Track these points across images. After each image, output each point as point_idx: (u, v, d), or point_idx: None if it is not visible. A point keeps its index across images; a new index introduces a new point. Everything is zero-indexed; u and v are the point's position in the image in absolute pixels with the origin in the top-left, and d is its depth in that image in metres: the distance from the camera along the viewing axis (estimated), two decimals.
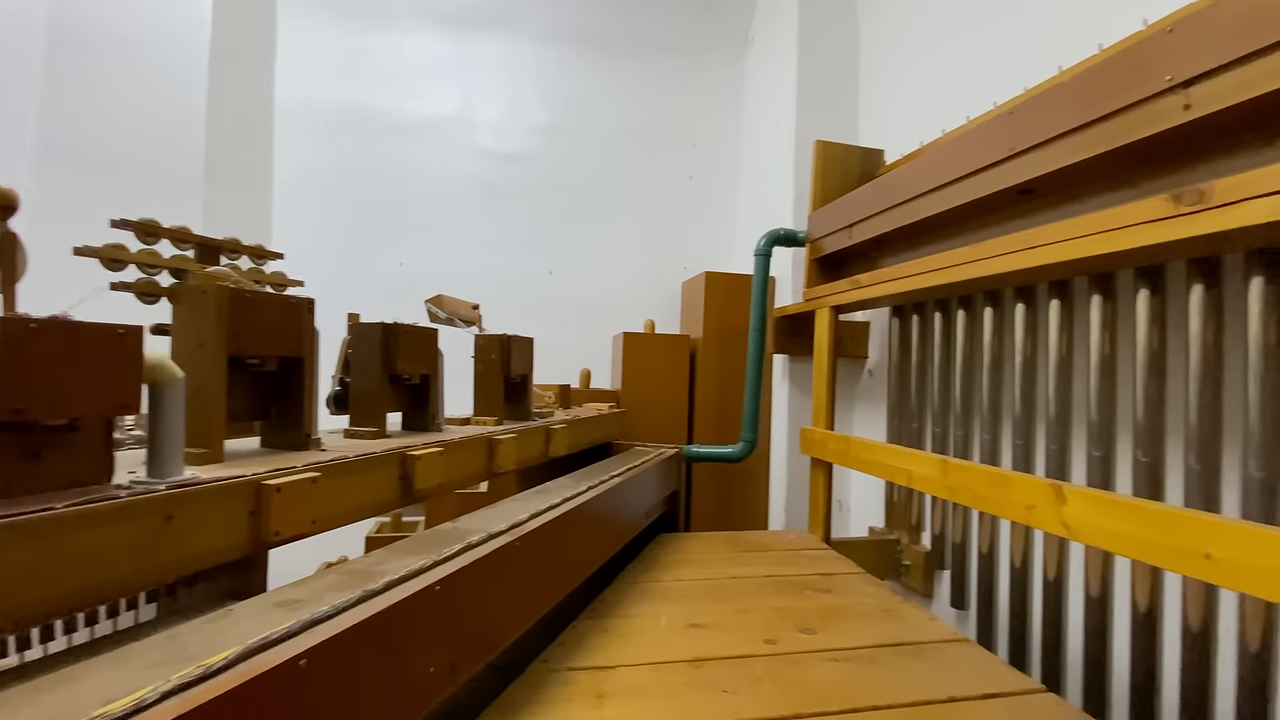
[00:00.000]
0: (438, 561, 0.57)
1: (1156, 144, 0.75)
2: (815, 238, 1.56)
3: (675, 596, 1.02)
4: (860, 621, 0.94)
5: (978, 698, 0.74)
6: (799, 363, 1.89)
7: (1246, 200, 0.62)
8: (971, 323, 1.25)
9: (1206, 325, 0.80)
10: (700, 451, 1.69)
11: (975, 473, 0.94)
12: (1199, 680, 0.81)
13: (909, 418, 1.43)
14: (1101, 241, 0.77)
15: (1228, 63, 0.63)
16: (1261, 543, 0.56)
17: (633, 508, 1.14)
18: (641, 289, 2.40)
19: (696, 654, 0.82)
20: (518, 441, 0.92)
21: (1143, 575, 0.89)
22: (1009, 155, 0.93)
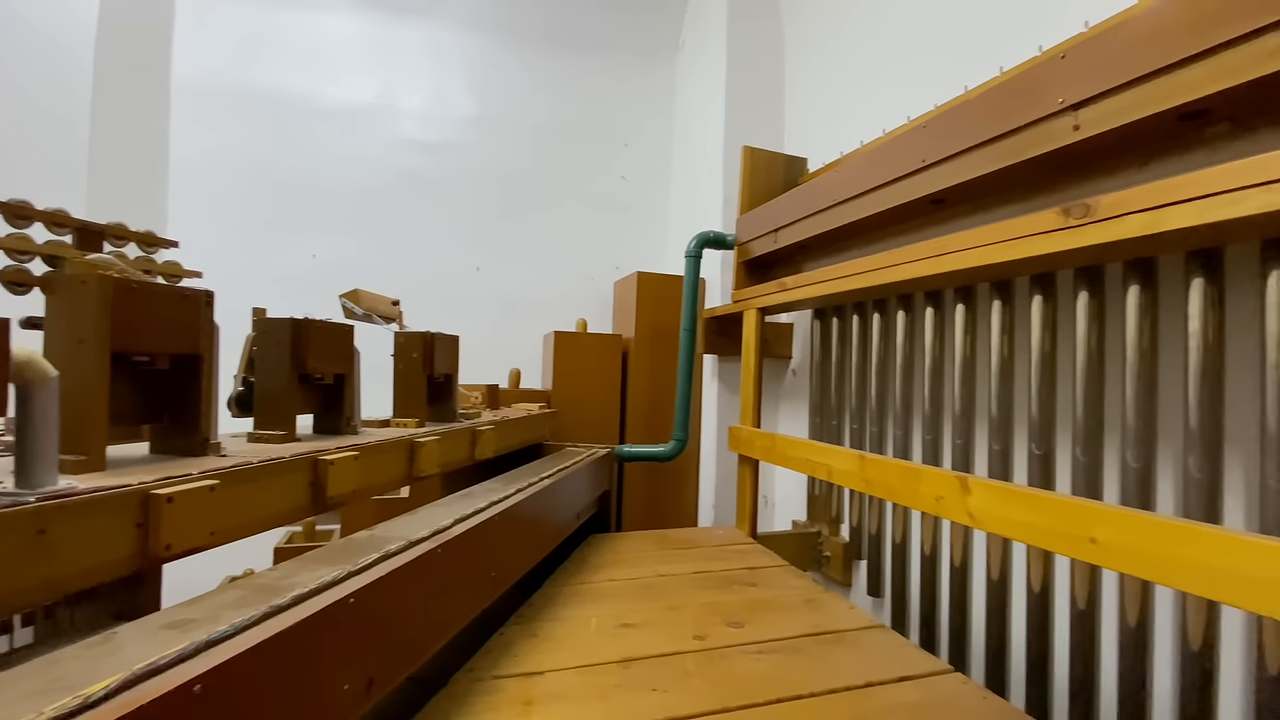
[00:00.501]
0: (352, 572, 0.54)
1: (1050, 161, 0.81)
2: (743, 241, 1.60)
3: (606, 597, 1.02)
4: (784, 613, 0.97)
5: (892, 681, 0.77)
6: (728, 363, 1.93)
7: (1125, 215, 0.68)
8: (886, 325, 1.31)
9: (1091, 329, 0.88)
10: (632, 451, 1.69)
11: (889, 467, 0.99)
12: (1086, 654, 0.89)
13: (829, 415, 1.49)
14: (1001, 250, 0.83)
15: (1112, 88, 0.69)
16: (1138, 526, 0.62)
17: (563, 509, 1.13)
18: (573, 288, 2.38)
19: (627, 654, 0.81)
20: (441, 444, 0.89)
21: (1037, 559, 0.97)
22: (921, 167, 0.98)
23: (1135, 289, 0.82)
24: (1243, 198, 0.57)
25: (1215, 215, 0.60)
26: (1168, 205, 0.64)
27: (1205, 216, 0.60)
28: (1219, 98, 0.62)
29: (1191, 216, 0.62)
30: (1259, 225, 0.62)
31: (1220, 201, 0.59)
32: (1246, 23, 0.57)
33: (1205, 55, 0.61)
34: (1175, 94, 0.64)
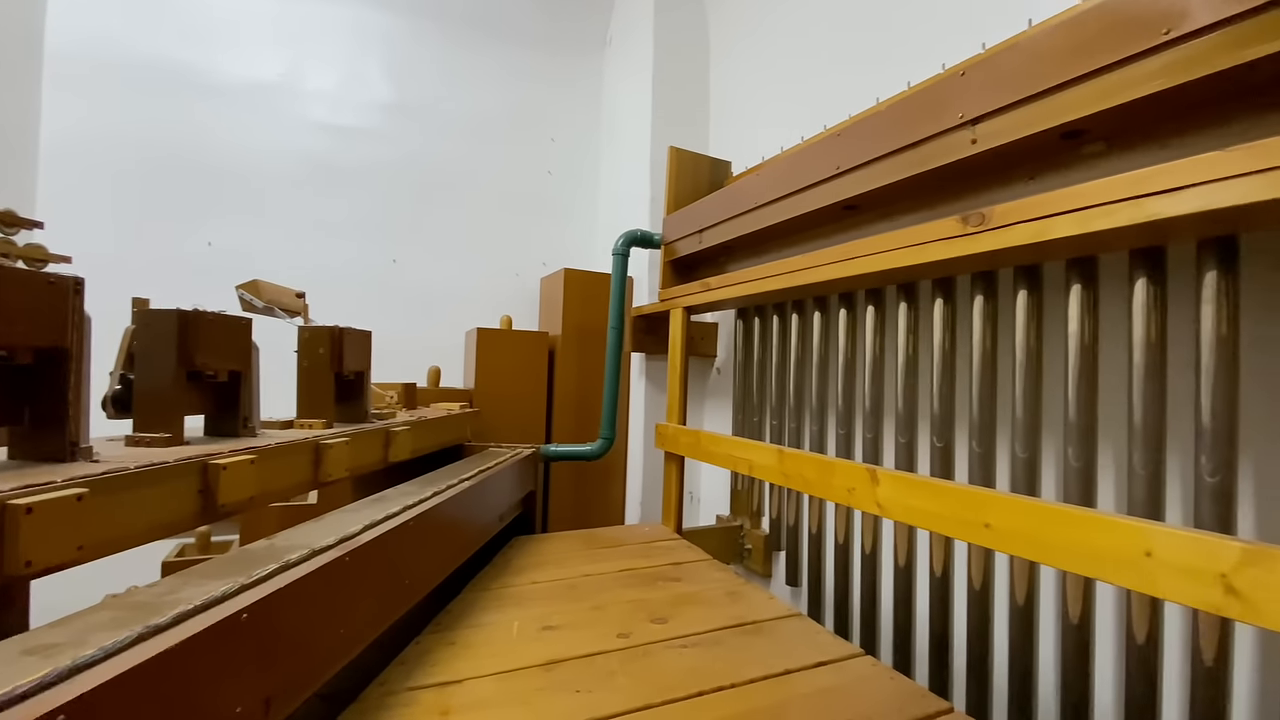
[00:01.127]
0: (245, 585, 0.50)
1: (952, 171, 0.87)
2: (670, 240, 1.61)
3: (529, 600, 1.00)
4: (707, 607, 0.99)
5: (809, 667, 0.80)
6: (655, 361, 1.94)
7: (1015, 224, 0.74)
8: (803, 325, 1.36)
9: (985, 331, 0.95)
10: (558, 450, 1.67)
11: (806, 460, 1.03)
12: (981, 633, 0.96)
13: (751, 412, 1.53)
14: (906, 255, 0.88)
15: (1004, 106, 0.75)
16: (1025, 511, 0.67)
17: (485, 512, 1.09)
18: (498, 283, 2.33)
19: (550, 657, 0.80)
20: (351, 446, 0.84)
21: (938, 544, 1.03)
22: (835, 174, 1.02)
23: (1024, 293, 0.88)
24: (1114, 210, 0.63)
25: (1092, 226, 0.66)
26: (1051, 216, 0.70)
27: (1083, 227, 0.66)
28: (1095, 119, 0.68)
29: (1071, 227, 0.67)
30: (1129, 236, 0.69)
31: (1096, 214, 0.65)
32: (1118, 51, 0.63)
33: (1083, 79, 0.67)
34: (1057, 114, 0.70)
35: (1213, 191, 0.56)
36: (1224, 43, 0.56)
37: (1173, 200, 0.59)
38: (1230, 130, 0.62)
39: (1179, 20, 0.58)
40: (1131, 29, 0.62)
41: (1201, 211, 0.57)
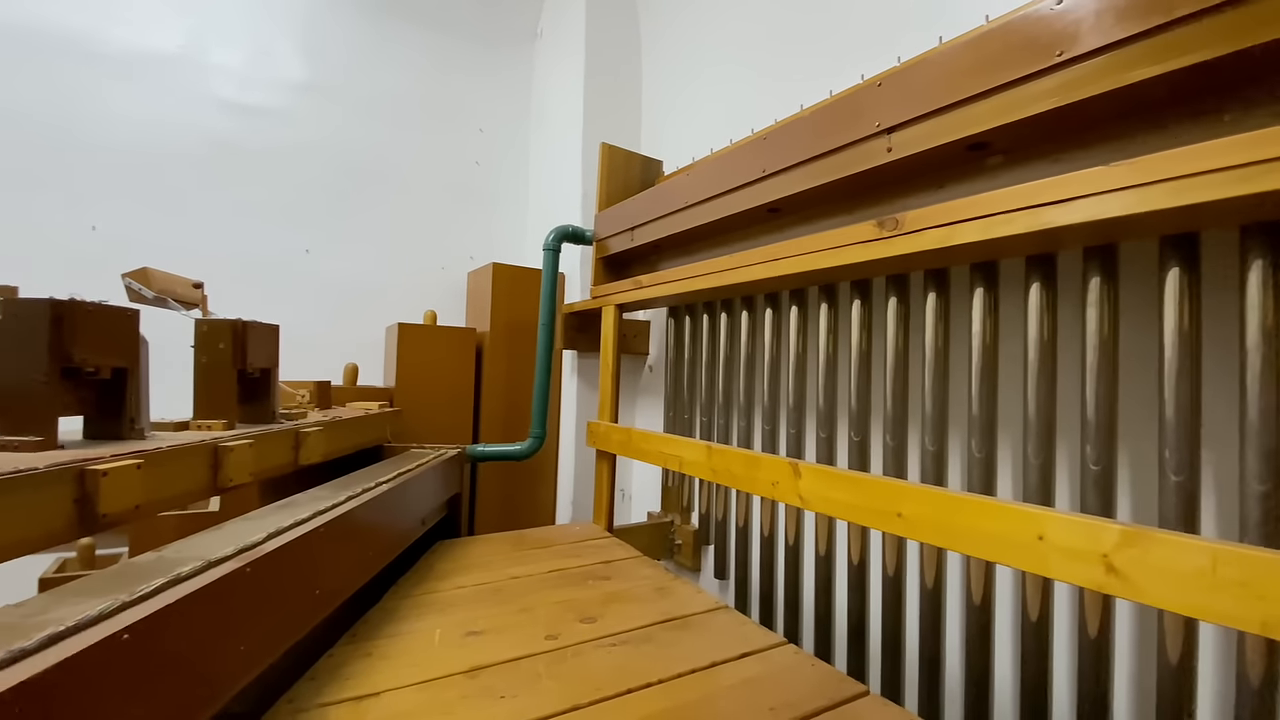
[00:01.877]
0: (128, 603, 0.45)
1: (869, 178, 0.91)
2: (601, 237, 1.61)
3: (452, 605, 0.96)
4: (637, 604, 0.99)
5: (735, 658, 0.82)
6: (587, 358, 1.93)
7: (926, 230, 0.78)
8: (732, 324, 1.39)
9: (899, 331, 1.00)
10: (486, 450, 1.63)
11: (733, 456, 1.05)
12: (894, 617, 1.01)
13: (682, 409, 1.55)
14: (826, 257, 0.91)
15: (916, 117, 0.79)
16: (933, 501, 0.71)
17: (405, 516, 1.05)
18: (422, 277, 2.23)
19: (474, 663, 0.77)
20: (255, 448, 0.78)
21: (855, 534, 1.08)
22: (761, 176, 1.05)
23: (933, 296, 0.94)
24: (1013, 219, 0.68)
25: (993, 233, 0.70)
26: (958, 223, 0.74)
27: (985, 233, 0.71)
28: (996, 132, 0.73)
29: (975, 233, 0.72)
30: (1025, 243, 0.74)
31: (996, 221, 0.70)
32: (1017, 70, 0.68)
33: (986, 95, 0.71)
34: (963, 126, 0.74)
35: (1098, 203, 0.61)
36: (1110, 65, 0.61)
37: (1064, 210, 0.64)
38: (1117, 147, 0.68)
39: (1070, 43, 0.63)
40: (1028, 50, 0.67)
41: (1088, 221, 0.62)
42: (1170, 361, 0.68)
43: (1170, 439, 0.67)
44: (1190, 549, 0.51)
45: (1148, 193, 0.57)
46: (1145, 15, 0.58)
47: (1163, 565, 0.52)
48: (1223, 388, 0.71)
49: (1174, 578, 0.52)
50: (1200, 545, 0.50)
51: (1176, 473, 0.67)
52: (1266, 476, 0.61)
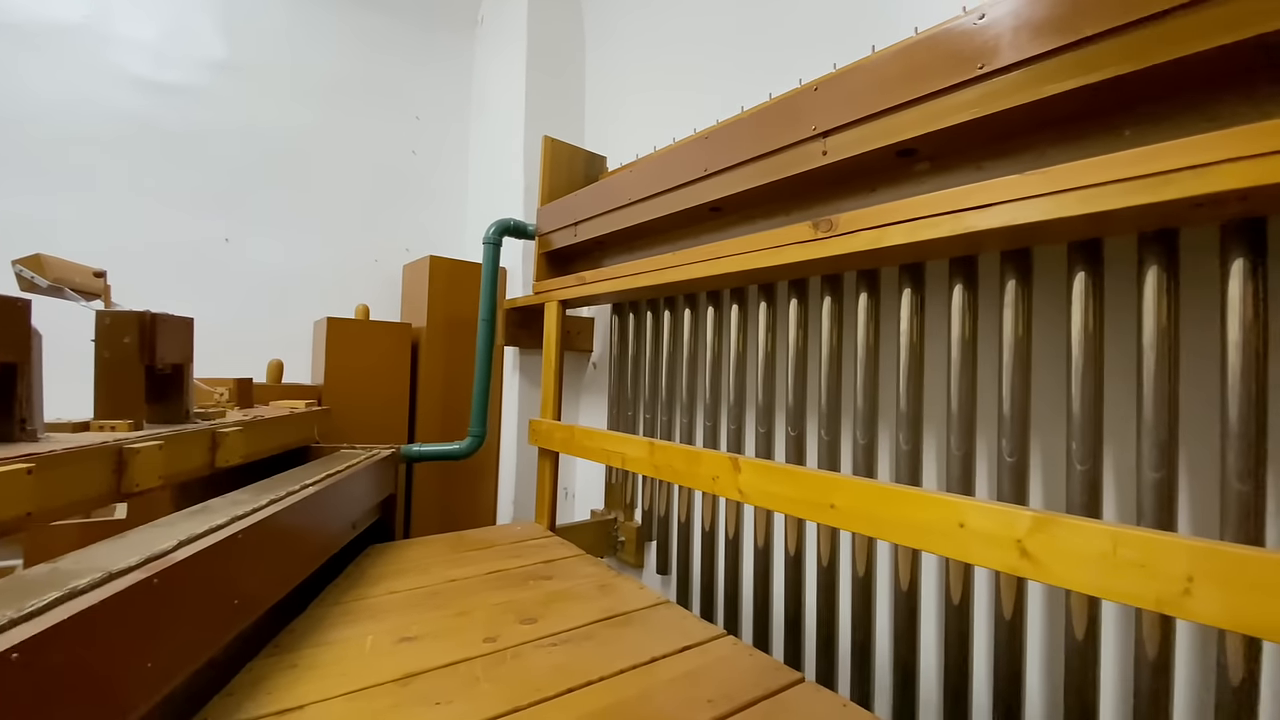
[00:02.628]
0: (15, 620, 0.41)
1: (806, 180, 0.93)
2: (544, 232, 1.58)
3: (385, 611, 0.93)
4: (578, 602, 0.98)
5: (675, 652, 0.82)
6: (529, 355, 1.90)
7: (858, 231, 0.80)
8: (675, 321, 1.40)
9: (832, 330, 1.03)
10: (422, 450, 1.58)
11: (675, 452, 1.06)
12: (829, 606, 1.04)
13: (626, 406, 1.55)
14: (765, 256, 0.93)
15: (849, 122, 0.81)
16: (864, 492, 0.73)
17: (334, 519, 1.00)
18: (353, 269, 2.13)
19: (407, 670, 0.75)
20: (166, 450, 0.73)
21: (792, 526, 1.11)
22: (703, 175, 1.06)
23: (864, 296, 0.97)
24: (938, 222, 0.71)
25: (919, 235, 0.73)
26: (887, 225, 0.77)
27: (912, 236, 0.74)
28: (923, 140, 0.76)
29: (903, 235, 0.75)
30: (949, 246, 0.78)
31: (923, 225, 0.73)
32: (942, 80, 0.71)
33: (914, 104, 0.74)
34: (893, 133, 0.77)
35: (1014, 209, 0.65)
36: (1026, 80, 0.65)
37: (984, 215, 0.67)
38: (1034, 157, 0.73)
39: (990, 57, 0.67)
40: (953, 62, 0.70)
41: (1006, 226, 0.66)
42: (1076, 360, 0.73)
43: (1076, 431, 0.72)
44: (1093, 533, 0.55)
45: (1058, 200, 0.61)
46: (1056, 34, 0.62)
47: (1069, 548, 0.56)
48: (1122, 385, 0.77)
49: (1079, 560, 0.55)
50: (1102, 529, 0.54)
51: (1082, 462, 0.72)
52: (1160, 465, 0.66)
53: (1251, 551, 0.47)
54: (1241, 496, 0.61)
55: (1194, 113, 0.60)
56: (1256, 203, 0.55)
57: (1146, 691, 0.68)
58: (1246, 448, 0.61)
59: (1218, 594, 0.47)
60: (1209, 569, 0.48)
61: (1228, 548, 0.48)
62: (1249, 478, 0.61)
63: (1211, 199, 0.53)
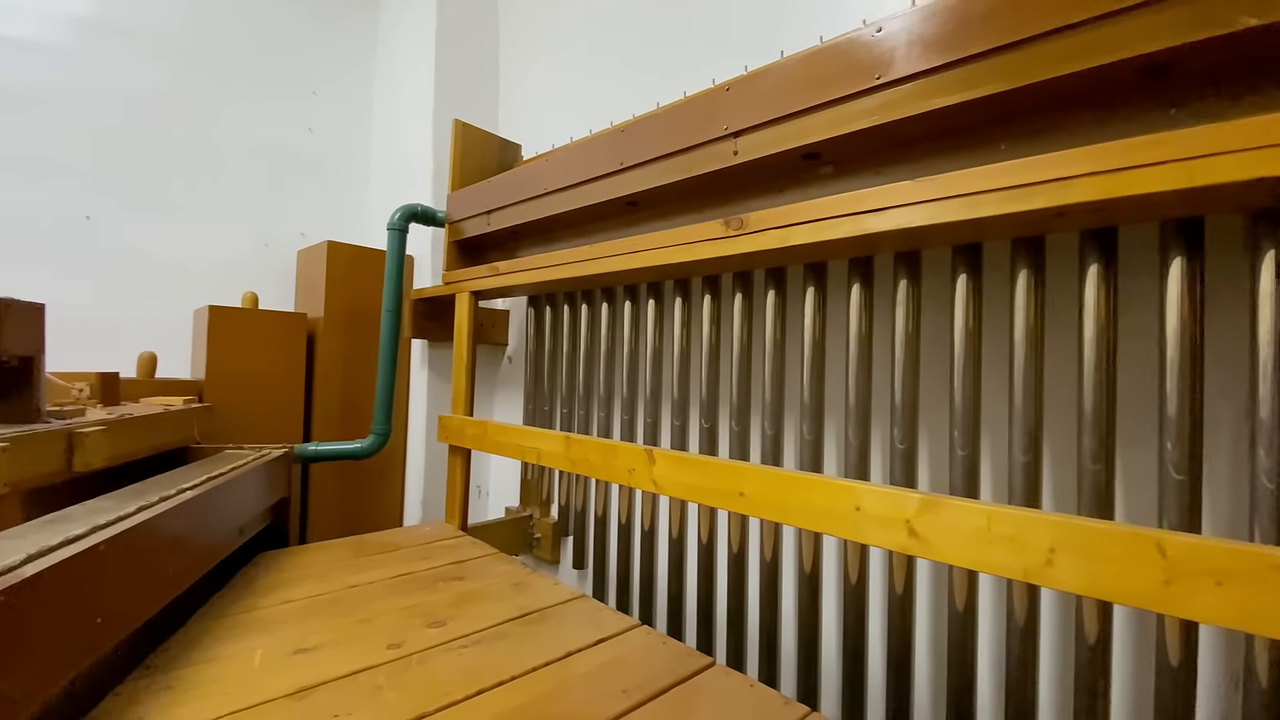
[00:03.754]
0: None
1: (719, 178, 0.95)
2: (455, 219, 1.53)
3: (278, 622, 0.86)
4: (491, 602, 0.96)
5: (589, 646, 0.82)
6: (439, 349, 1.83)
7: (766, 230, 0.83)
8: (593, 315, 1.40)
9: (743, 326, 1.07)
10: (319, 450, 1.48)
11: (590, 445, 1.05)
12: (738, 591, 1.08)
13: (542, 401, 1.53)
14: (679, 252, 0.95)
15: (758, 124, 0.84)
16: (771, 480, 0.76)
17: (216, 526, 0.92)
18: (240, 254, 1.95)
19: (302, 684, 0.70)
20: (10, 454, 0.64)
21: (704, 515, 1.14)
22: (619, 169, 1.06)
23: (772, 294, 1.01)
24: (838, 224, 0.75)
25: (822, 236, 0.77)
26: (793, 225, 0.80)
27: (815, 236, 0.78)
28: (826, 144, 0.80)
29: (807, 235, 0.78)
30: (848, 246, 0.82)
31: (824, 226, 0.77)
32: (844, 88, 0.75)
33: (818, 109, 0.78)
34: (799, 136, 0.81)
35: (906, 213, 0.69)
36: (918, 92, 0.70)
37: (879, 218, 0.72)
38: (926, 164, 0.78)
39: (887, 68, 0.71)
40: (854, 70, 0.74)
41: (898, 229, 0.70)
42: (959, 355, 0.79)
43: (958, 420, 0.79)
44: (971, 512, 0.60)
45: (943, 206, 0.66)
46: (944, 51, 0.66)
47: (951, 527, 0.61)
48: (998, 378, 0.84)
49: (959, 537, 0.60)
50: (979, 508, 0.60)
51: (962, 448, 0.79)
52: (1028, 449, 0.74)
53: (1104, 525, 0.53)
54: (1095, 476, 0.69)
55: (1060, 130, 0.67)
56: (1110, 214, 0.62)
57: (1016, 655, 0.75)
58: (1099, 433, 0.69)
59: (1076, 564, 0.53)
60: (1068, 541, 0.54)
61: (1084, 522, 0.54)
62: (1101, 459, 0.69)
63: (1072, 209, 0.59)
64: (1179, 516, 0.64)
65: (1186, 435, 0.63)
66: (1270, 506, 0.58)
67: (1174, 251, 0.65)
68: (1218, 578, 0.46)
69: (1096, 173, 0.56)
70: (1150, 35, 0.54)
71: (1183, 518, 0.63)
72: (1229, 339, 0.69)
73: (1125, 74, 0.59)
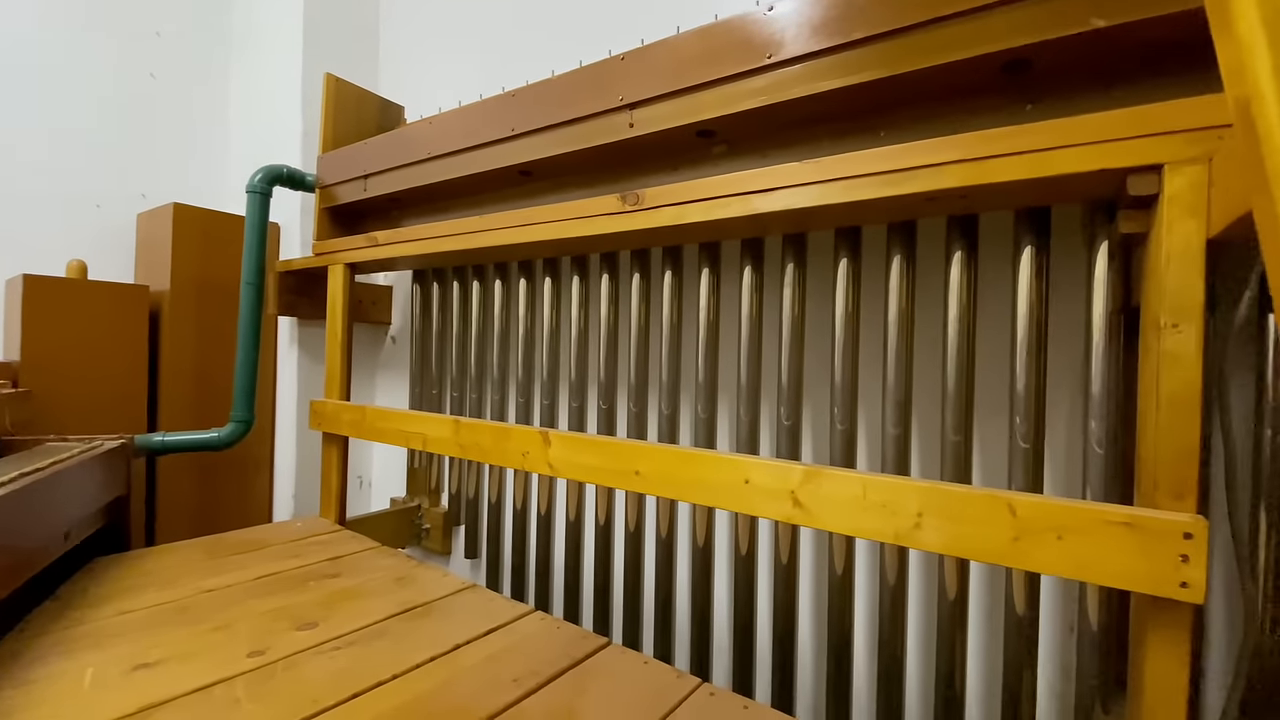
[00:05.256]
0: None
1: (615, 151, 0.93)
2: (327, 184, 1.39)
3: (115, 636, 0.75)
4: (371, 599, 0.89)
5: (479, 636, 0.79)
6: (310, 327, 1.67)
7: (662, 207, 0.82)
8: (485, 293, 1.33)
9: (641, 306, 1.06)
10: (167, 441, 1.31)
11: (482, 429, 1.01)
12: (635, 569, 1.08)
13: (430, 384, 1.44)
14: (575, 226, 0.92)
15: (653, 97, 0.82)
16: (665, 458, 0.76)
17: (35, 529, 0.79)
18: (64, 216, 1.66)
19: (144, 702, 0.62)
20: None
21: (602, 496, 1.13)
22: (511, 135, 1.00)
23: (669, 274, 1.01)
24: (729, 203, 0.76)
25: (714, 215, 0.77)
26: (687, 203, 0.80)
27: (708, 215, 0.78)
28: (719, 122, 0.80)
29: (701, 214, 0.78)
30: (740, 227, 0.83)
31: (717, 204, 0.77)
32: (736, 65, 0.75)
33: (712, 85, 0.77)
34: (692, 112, 0.80)
35: (793, 195, 0.71)
36: (805, 74, 0.71)
37: (767, 199, 0.73)
38: (812, 147, 0.80)
39: (777, 49, 0.71)
40: (745, 48, 0.74)
41: (786, 210, 0.72)
42: (839, 336, 0.83)
43: (838, 397, 0.83)
44: (849, 480, 0.63)
45: (825, 189, 0.68)
46: (830, 34, 0.68)
47: (831, 495, 0.64)
48: (874, 357, 0.89)
49: (838, 505, 0.63)
50: (856, 477, 0.63)
51: (841, 423, 0.83)
52: (899, 422, 0.79)
53: (964, 489, 0.57)
54: (955, 446, 0.75)
55: (935, 120, 0.71)
56: (974, 200, 0.67)
57: (888, 613, 0.81)
58: (959, 407, 0.75)
59: (940, 526, 0.57)
60: (933, 505, 0.58)
61: (947, 487, 0.58)
62: (961, 430, 0.74)
63: (942, 194, 0.63)
64: (1025, 480, 0.71)
65: (1032, 408, 0.70)
66: (1100, 469, 0.66)
67: (1025, 240, 0.71)
68: (1058, 533, 0.51)
69: (963, 160, 0.60)
70: (1011, 32, 0.58)
71: (1028, 481, 0.70)
72: (1069, 322, 0.77)
73: (991, 68, 0.63)
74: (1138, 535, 0.48)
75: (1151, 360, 0.53)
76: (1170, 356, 0.51)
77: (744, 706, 0.67)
